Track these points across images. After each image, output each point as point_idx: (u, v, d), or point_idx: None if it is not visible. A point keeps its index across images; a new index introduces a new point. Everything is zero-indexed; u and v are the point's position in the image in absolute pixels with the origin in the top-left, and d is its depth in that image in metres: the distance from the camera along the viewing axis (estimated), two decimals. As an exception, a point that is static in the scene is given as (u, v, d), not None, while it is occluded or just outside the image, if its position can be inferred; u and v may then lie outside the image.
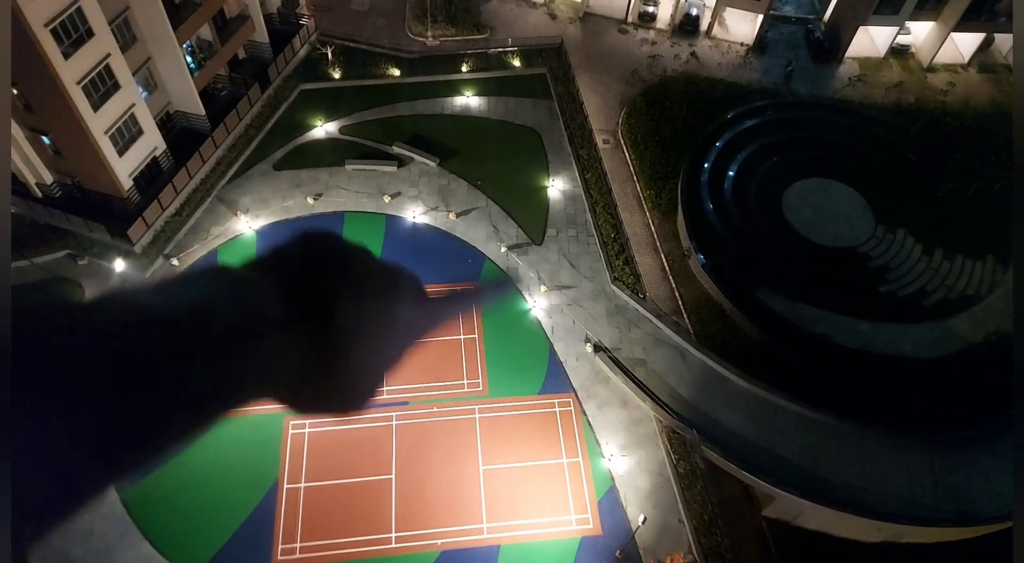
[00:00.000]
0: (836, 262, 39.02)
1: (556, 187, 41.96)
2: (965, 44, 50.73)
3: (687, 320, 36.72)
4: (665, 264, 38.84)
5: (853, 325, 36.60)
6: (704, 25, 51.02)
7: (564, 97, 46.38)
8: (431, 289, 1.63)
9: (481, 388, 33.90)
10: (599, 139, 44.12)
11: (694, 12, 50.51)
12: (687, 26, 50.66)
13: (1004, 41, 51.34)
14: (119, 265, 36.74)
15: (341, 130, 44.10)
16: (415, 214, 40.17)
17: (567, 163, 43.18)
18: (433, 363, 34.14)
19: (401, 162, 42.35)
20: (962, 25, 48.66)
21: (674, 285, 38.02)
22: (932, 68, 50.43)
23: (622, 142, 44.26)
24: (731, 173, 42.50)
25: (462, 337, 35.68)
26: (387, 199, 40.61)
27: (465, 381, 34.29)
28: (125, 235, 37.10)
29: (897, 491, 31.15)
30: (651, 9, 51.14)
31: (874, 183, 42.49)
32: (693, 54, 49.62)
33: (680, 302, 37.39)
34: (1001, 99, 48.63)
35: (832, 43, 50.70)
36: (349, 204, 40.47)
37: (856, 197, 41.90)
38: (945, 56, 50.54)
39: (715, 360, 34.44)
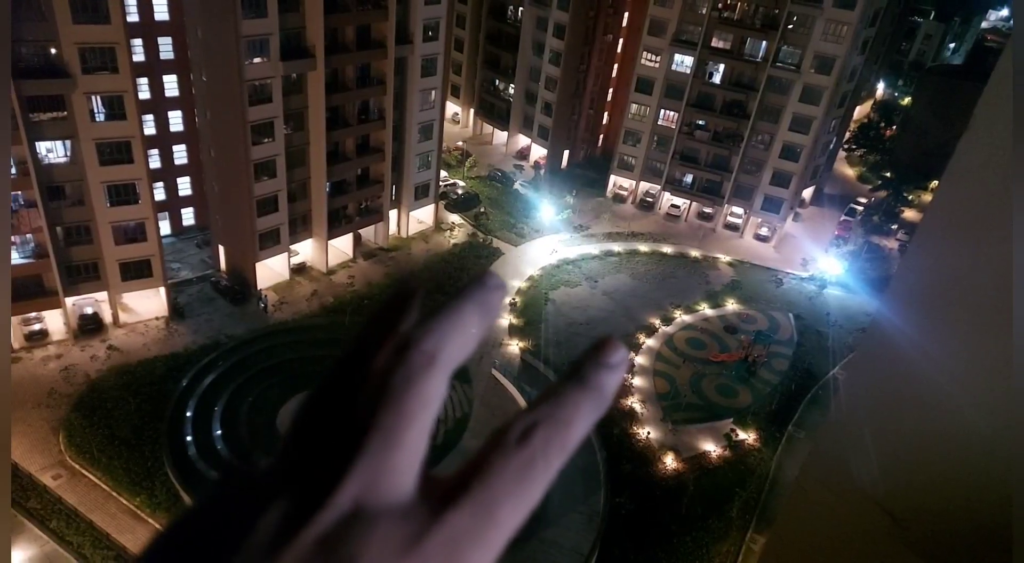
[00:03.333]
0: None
1: None
2: (344, 245, 60.36)
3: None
4: None
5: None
6: (107, 317, 48.26)
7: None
8: None
9: None
10: (47, 479, 36.52)
11: (90, 310, 47.45)
12: (89, 326, 47.16)
13: (368, 233, 62.91)
14: None
15: None
16: None
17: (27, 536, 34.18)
18: None
19: None
20: (331, 234, 57.90)
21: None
22: (331, 270, 58.22)
23: (78, 466, 37.61)
24: (218, 433, 40.80)
25: None
26: None
27: None
28: None
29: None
30: (38, 326, 46.01)
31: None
32: (111, 347, 46.20)
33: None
34: (392, 272, 59.05)
35: (240, 284, 53.98)
36: None
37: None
38: (335, 259, 59.07)
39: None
